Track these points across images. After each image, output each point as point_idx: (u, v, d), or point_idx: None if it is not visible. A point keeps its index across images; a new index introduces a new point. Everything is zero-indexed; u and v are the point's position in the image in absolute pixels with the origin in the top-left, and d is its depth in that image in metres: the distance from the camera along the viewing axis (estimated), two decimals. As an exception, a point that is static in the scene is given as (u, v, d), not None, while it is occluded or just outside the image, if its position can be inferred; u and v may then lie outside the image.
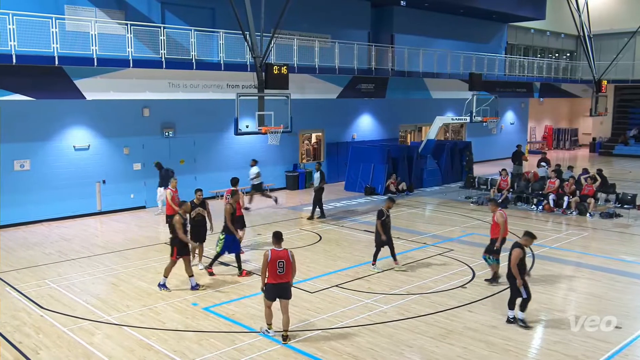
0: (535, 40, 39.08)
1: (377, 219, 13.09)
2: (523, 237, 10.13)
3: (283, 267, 9.12)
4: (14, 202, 17.54)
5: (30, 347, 9.22)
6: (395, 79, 25.88)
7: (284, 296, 9.29)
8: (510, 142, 33.81)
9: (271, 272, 9.14)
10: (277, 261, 9.09)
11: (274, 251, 9.17)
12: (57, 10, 17.25)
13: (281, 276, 9.15)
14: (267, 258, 9.11)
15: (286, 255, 9.18)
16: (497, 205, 12.52)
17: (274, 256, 9.12)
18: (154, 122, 20.75)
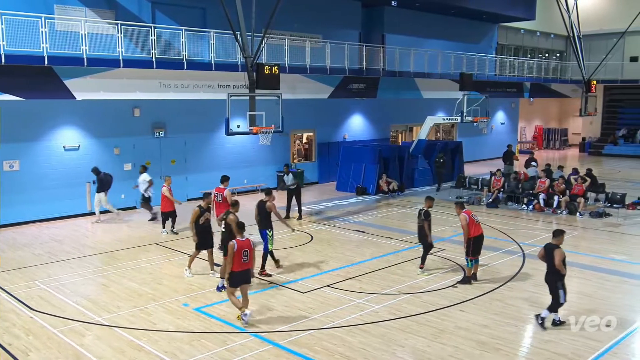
0: (525, 41, 39.28)
1: (425, 220, 12.73)
2: (554, 238, 10.06)
3: (247, 256, 9.86)
4: (3, 202, 17.40)
5: (20, 349, 9.16)
6: (386, 79, 25.92)
7: (247, 281, 10.04)
8: (500, 142, 33.94)
9: (237, 260, 9.75)
10: (242, 250, 9.78)
11: (239, 241, 9.82)
12: (47, 9, 17.15)
13: (246, 264, 9.88)
14: (234, 248, 9.71)
15: (249, 244, 9.92)
16: (461, 207, 12.40)
17: (240, 246, 9.77)
18: (144, 122, 20.66)
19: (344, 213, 20.09)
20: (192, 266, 12.94)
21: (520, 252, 14.83)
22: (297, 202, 19.06)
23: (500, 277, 12.68)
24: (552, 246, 9.96)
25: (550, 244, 10.02)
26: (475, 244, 12.19)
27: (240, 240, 9.87)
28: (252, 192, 23.81)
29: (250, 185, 23.89)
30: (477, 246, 12.25)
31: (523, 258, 14.21)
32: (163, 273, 13.16)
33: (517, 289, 11.94)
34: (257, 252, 11.23)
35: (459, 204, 12.69)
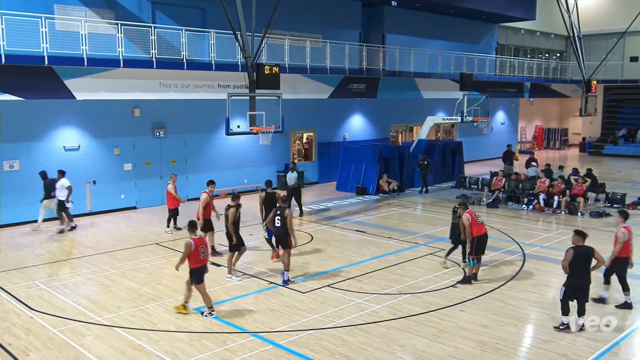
0: (525, 41, 39.28)
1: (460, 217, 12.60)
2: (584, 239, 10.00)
3: (204, 253, 10.29)
4: (3, 202, 17.42)
5: (20, 349, 9.16)
6: (387, 79, 25.92)
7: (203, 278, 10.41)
8: (500, 142, 33.94)
9: (195, 258, 10.14)
10: (199, 247, 10.20)
11: (194, 239, 10.20)
12: (47, 9, 17.15)
13: (202, 260, 10.26)
14: (191, 247, 10.08)
15: (204, 241, 10.45)
16: (464, 208, 12.46)
17: (197, 244, 10.17)
18: (144, 122, 20.66)
19: (344, 213, 20.09)
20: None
21: (520, 252, 14.82)
22: (297, 201, 19.11)
23: (501, 277, 12.68)
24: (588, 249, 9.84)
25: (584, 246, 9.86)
26: (479, 243, 12.22)
27: (195, 239, 10.23)
28: (252, 192, 23.80)
29: (251, 185, 23.88)
30: (481, 245, 12.28)
31: (523, 258, 14.20)
32: (163, 273, 13.16)
33: (517, 289, 11.94)
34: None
35: (462, 204, 12.71)
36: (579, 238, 9.88)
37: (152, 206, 20.77)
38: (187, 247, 10.08)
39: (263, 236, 14.51)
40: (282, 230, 12.24)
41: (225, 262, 13.13)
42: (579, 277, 9.69)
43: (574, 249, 9.73)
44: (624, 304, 10.86)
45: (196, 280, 10.28)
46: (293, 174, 19.35)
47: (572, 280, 9.72)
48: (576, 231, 10.01)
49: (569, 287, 9.74)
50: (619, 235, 10.79)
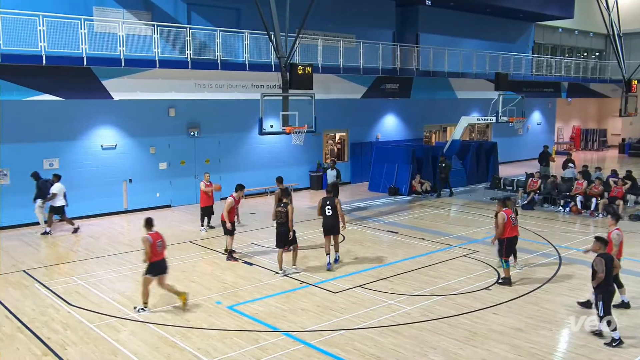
0: (563, 40, 38.51)
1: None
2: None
3: (161, 247, 10.66)
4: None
5: (58, 343, 9.38)
6: (420, 79, 25.73)
7: (165, 271, 10.80)
8: (537, 143, 33.37)
9: (153, 252, 10.50)
10: (156, 241, 10.58)
11: (150, 234, 10.58)
12: (86, 11, 17.54)
13: (160, 254, 10.66)
14: (150, 241, 10.47)
15: (161, 236, 10.74)
16: (502, 205, 12.34)
17: (154, 238, 10.56)
18: (179, 122, 20.95)
19: (376, 213, 20.02)
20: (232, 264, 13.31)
21: (556, 255, 14.55)
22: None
23: (536, 280, 12.46)
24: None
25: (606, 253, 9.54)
26: (509, 244, 12.12)
27: (151, 234, 10.62)
28: (284, 192, 23.88)
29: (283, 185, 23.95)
30: (510, 247, 12.19)
31: (559, 261, 13.93)
32: (196, 271, 13.32)
33: (552, 293, 11.72)
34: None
35: (501, 200, 12.62)
36: (601, 245, 9.54)
37: (186, 205, 21.05)
38: (146, 243, 10.47)
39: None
40: (333, 218, 13.15)
41: (259, 262, 13.22)
42: (611, 286, 9.39)
43: (604, 258, 9.32)
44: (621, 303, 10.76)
45: (154, 273, 10.63)
46: (332, 172, 19.56)
47: (611, 289, 9.37)
48: (598, 238, 9.67)
49: (609, 298, 9.32)
50: (614, 238, 10.64)
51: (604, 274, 9.16)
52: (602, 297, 9.23)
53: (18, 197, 16.92)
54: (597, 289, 9.29)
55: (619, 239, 10.75)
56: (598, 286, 9.25)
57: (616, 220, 11.06)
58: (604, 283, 9.22)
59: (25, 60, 15.09)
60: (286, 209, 12.78)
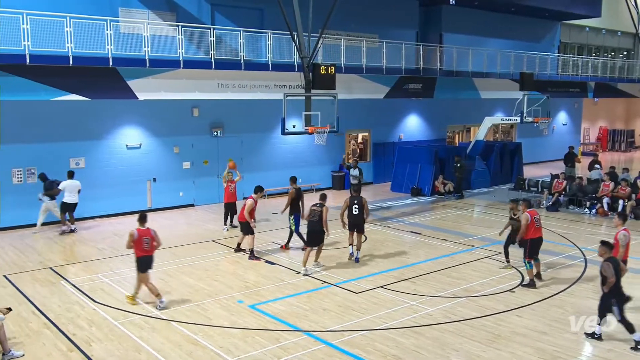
0: (590, 39, 37.91)
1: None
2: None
3: (148, 243, 10.81)
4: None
5: (83, 339, 9.53)
6: (444, 79, 25.56)
7: (149, 267, 10.97)
8: (562, 144, 32.90)
9: (139, 247, 10.72)
10: (142, 238, 10.73)
11: (139, 230, 10.77)
12: (112, 12, 17.77)
13: (147, 250, 10.82)
14: (134, 237, 10.69)
15: (149, 232, 10.84)
16: (527, 206, 12.31)
17: (140, 234, 10.73)
18: (203, 122, 21.11)
19: (398, 214, 19.94)
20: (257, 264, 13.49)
21: (581, 257, 14.33)
22: None
23: (560, 283, 12.29)
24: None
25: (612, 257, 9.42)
26: (533, 245, 12.03)
27: (140, 229, 10.80)
28: (306, 192, 23.93)
29: (305, 185, 24.01)
30: (534, 248, 12.09)
31: (585, 264, 13.73)
32: (219, 270, 13.42)
33: (577, 296, 11.56)
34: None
35: (525, 201, 12.65)
36: (606, 249, 9.37)
37: (209, 204, 21.21)
38: (130, 236, 10.76)
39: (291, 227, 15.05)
40: (360, 217, 13.71)
41: (281, 262, 13.27)
42: (621, 289, 9.26)
43: (612, 262, 9.18)
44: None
45: (140, 269, 10.87)
46: (355, 171, 19.60)
47: (622, 292, 9.26)
48: (604, 242, 9.50)
49: (622, 302, 9.22)
50: (620, 238, 10.47)
51: (614, 277, 9.08)
52: (616, 302, 9.11)
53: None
54: (609, 294, 9.17)
55: (626, 239, 10.57)
56: (610, 291, 9.14)
57: (623, 221, 10.91)
58: (614, 287, 9.13)
59: (53, 60, 15.34)
60: (321, 209, 13.07)
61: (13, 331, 9.72)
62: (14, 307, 10.40)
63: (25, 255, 14.65)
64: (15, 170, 17.36)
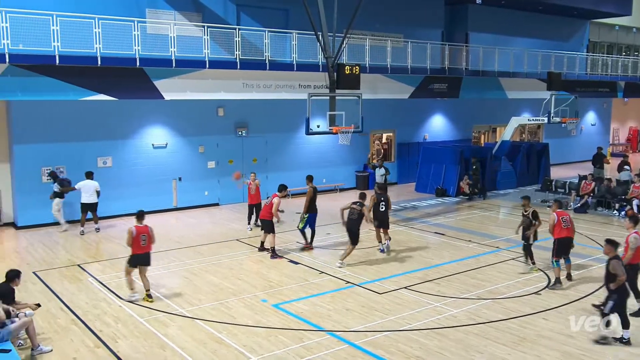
0: (619, 38, 37.19)
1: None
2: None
3: (145, 240, 11.10)
4: None
5: (110, 336, 9.67)
6: (469, 79, 25.30)
7: (146, 263, 11.28)
8: (590, 144, 32.36)
9: (137, 244, 11.02)
10: (140, 235, 11.03)
11: (137, 227, 11.07)
12: (139, 14, 17.99)
13: (144, 247, 11.12)
14: (133, 234, 10.98)
15: (147, 230, 11.13)
16: (557, 206, 12.57)
17: (138, 231, 11.02)
18: (228, 122, 21.26)
19: (422, 214, 19.82)
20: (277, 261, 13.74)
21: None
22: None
23: (588, 286, 12.08)
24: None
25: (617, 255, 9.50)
26: (560, 245, 12.08)
27: (138, 226, 11.09)
28: (330, 192, 23.96)
29: (329, 185, 24.04)
30: (562, 248, 12.13)
31: (613, 267, 13.45)
32: (243, 269, 13.49)
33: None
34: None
35: (557, 201, 12.85)
36: (611, 248, 9.44)
37: (233, 203, 21.34)
38: (129, 234, 11.03)
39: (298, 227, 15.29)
40: (385, 213, 14.36)
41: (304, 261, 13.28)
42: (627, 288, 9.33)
43: (619, 260, 9.27)
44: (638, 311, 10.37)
45: (132, 264, 11.23)
46: (381, 170, 19.68)
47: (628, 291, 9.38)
48: (609, 241, 9.57)
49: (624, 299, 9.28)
50: (631, 241, 10.23)
51: (625, 275, 9.13)
52: (616, 297, 9.16)
53: (74, 193, 17.41)
54: (614, 292, 9.18)
55: (637, 242, 10.27)
56: (617, 288, 9.16)
57: (635, 223, 10.66)
58: (622, 285, 9.19)
59: (81, 61, 15.58)
60: (361, 207, 13.61)
61: (42, 327, 9.91)
62: (43, 303, 10.61)
63: (54, 252, 14.92)
64: (45, 168, 17.68)
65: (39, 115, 17.37)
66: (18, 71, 14.76)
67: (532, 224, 12.80)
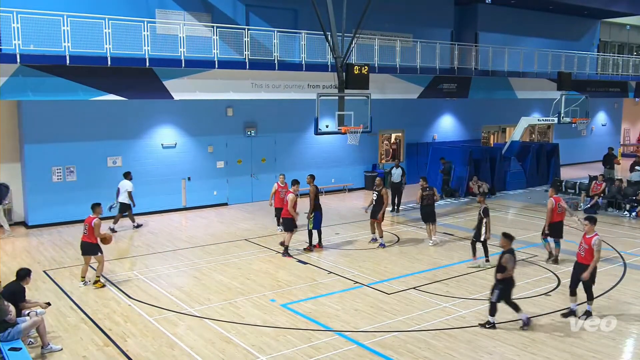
0: (631, 37, 36.93)
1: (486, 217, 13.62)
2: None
3: (86, 230, 12.03)
4: (106, 196, 18.26)
5: (119, 335, 9.72)
6: (479, 79, 25.21)
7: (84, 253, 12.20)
8: (601, 145, 32.16)
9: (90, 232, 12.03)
10: (84, 225, 12.12)
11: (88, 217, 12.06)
12: (149, 14, 18.06)
13: (84, 237, 12.10)
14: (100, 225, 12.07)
15: (90, 221, 11.95)
16: (554, 191, 13.86)
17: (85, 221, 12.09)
18: (237, 122, 21.29)
19: (431, 215, 19.72)
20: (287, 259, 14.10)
21: (620, 261, 13.98)
22: (398, 198, 20.26)
23: (598, 288, 11.97)
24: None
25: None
26: (551, 229, 13.48)
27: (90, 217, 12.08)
28: (339, 192, 23.96)
29: (338, 185, 24.03)
30: (553, 231, 13.51)
31: (624, 268, 13.38)
32: (251, 268, 13.51)
33: (615, 300, 11.27)
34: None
35: (554, 186, 13.99)
36: (507, 241, 9.99)
37: (242, 203, 21.38)
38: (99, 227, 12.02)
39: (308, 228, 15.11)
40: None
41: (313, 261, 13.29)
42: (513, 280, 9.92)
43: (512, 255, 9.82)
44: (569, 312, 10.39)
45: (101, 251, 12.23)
46: (398, 170, 19.75)
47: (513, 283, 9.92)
48: (506, 234, 10.10)
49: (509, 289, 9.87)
50: (595, 243, 10.07)
51: (513, 270, 9.82)
52: (501, 287, 9.74)
53: (84, 193, 17.56)
54: (501, 282, 9.75)
55: (600, 245, 10.10)
56: (503, 279, 9.73)
57: (594, 225, 10.41)
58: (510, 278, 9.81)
59: (91, 61, 15.68)
60: (432, 191, 15.78)
61: (52, 325, 9.98)
62: (53, 302, 10.67)
63: (64, 252, 15.02)
64: (55, 168, 17.80)
65: (50, 115, 17.47)
66: (29, 71, 14.88)
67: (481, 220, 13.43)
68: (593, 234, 10.22)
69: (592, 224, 10.39)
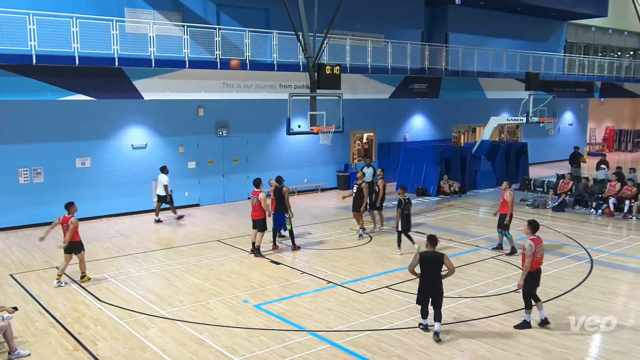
0: (596, 39, 37.77)
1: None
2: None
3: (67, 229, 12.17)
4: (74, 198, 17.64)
5: (89, 338, 9.55)
6: (449, 79, 25.51)
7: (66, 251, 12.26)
8: (568, 144, 32.77)
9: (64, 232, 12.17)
10: (62, 224, 12.19)
11: (64, 217, 12.18)
12: (118, 13, 17.82)
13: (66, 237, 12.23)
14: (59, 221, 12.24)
15: (66, 220, 12.08)
16: (509, 184, 14.84)
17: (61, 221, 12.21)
18: (208, 122, 21.14)
19: (403, 214, 19.86)
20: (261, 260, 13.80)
21: (587, 258, 14.27)
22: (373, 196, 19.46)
23: (566, 284, 12.24)
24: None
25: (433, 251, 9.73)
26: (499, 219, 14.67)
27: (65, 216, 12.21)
28: (312, 192, 23.98)
29: (311, 185, 24.04)
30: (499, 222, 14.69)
31: (591, 264, 13.66)
32: (224, 269, 13.43)
33: (584, 297, 11.50)
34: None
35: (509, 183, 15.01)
36: (427, 243, 9.76)
37: (214, 204, 21.24)
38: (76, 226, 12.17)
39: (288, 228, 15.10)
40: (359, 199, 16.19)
41: (286, 262, 13.25)
42: (429, 281, 9.61)
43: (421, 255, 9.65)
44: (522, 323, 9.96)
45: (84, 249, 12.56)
46: (369, 170, 19.57)
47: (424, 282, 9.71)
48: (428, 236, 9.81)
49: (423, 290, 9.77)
50: (526, 248, 9.62)
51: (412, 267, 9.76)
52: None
53: (52, 194, 17.24)
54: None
55: (531, 250, 9.59)
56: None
57: (533, 230, 9.95)
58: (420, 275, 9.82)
59: (59, 61, 15.41)
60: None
61: (19, 330, 9.76)
62: (21, 306, 10.44)
63: (32, 255, 14.71)
64: (22, 170, 17.43)
65: (16, 116, 17.08)
66: (-6, 71, 14.55)
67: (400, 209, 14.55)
68: (530, 237, 9.83)
69: (530, 226, 9.95)
